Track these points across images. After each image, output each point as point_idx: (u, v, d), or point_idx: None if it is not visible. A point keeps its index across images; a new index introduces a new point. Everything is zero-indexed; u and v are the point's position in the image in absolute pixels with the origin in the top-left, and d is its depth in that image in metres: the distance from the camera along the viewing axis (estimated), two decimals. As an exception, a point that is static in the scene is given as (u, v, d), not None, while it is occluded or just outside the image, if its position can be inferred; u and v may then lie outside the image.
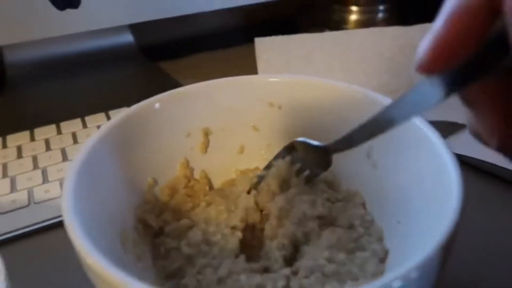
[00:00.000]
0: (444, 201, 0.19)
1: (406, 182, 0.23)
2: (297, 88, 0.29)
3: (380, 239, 0.24)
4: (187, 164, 0.29)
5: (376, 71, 0.51)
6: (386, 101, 0.26)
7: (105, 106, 0.44)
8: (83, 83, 0.51)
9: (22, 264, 0.28)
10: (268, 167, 0.28)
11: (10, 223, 0.31)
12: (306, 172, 0.27)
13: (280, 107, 0.30)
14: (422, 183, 0.22)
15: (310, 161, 0.27)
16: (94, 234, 0.18)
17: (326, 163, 0.26)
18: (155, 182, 0.27)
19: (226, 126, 0.30)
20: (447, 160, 0.20)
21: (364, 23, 0.65)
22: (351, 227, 0.25)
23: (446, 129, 0.22)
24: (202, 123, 0.29)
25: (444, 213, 0.18)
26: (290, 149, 0.27)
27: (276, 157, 0.28)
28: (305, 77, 0.29)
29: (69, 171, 0.20)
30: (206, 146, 0.29)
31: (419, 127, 0.23)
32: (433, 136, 0.22)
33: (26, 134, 0.40)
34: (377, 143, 0.26)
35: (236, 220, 0.25)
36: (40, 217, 0.31)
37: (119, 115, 0.25)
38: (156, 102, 0.27)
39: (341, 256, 0.22)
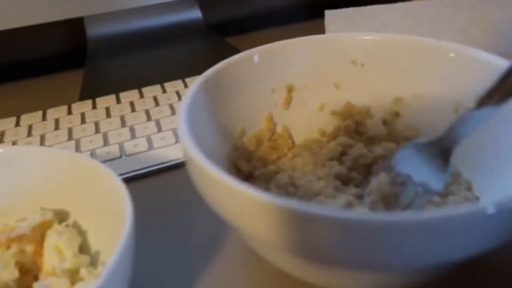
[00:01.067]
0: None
1: (500, 131, 0.23)
2: (381, 46, 0.30)
3: (469, 189, 0.24)
4: (271, 118, 0.30)
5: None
6: (484, 57, 0.26)
7: (181, 74, 0.47)
8: (157, 55, 0.54)
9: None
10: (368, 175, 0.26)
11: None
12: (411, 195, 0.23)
13: (363, 65, 0.30)
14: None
15: (422, 175, 0.23)
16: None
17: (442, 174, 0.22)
18: (244, 131, 0.28)
19: (309, 83, 0.31)
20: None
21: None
22: (438, 177, 0.25)
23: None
24: (287, 79, 0.30)
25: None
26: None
27: (381, 166, 0.25)
28: (389, 35, 0.30)
29: (180, 113, 0.22)
30: (289, 102, 0.31)
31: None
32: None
33: (112, 97, 0.43)
34: (466, 100, 0.27)
35: (321, 174, 0.26)
36: (131, 168, 0.34)
37: (216, 65, 0.27)
38: (248, 55, 0.28)
39: (435, 199, 0.22)
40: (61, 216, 0.25)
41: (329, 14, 0.50)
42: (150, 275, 0.25)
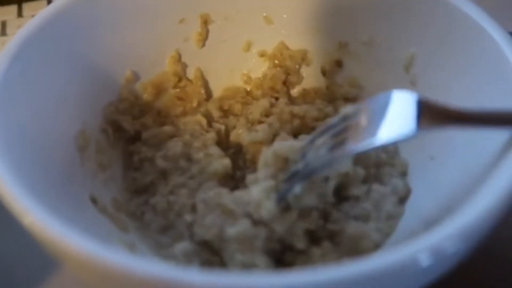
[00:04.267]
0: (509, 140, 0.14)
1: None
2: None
3: (404, 174, 0.19)
4: (178, 58, 0.23)
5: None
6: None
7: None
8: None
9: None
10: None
11: None
12: None
13: (304, -8, 0.23)
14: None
15: None
16: (27, 145, 0.14)
17: None
18: (136, 76, 0.22)
19: (231, 14, 0.24)
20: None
21: None
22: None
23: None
24: (201, 7, 0.23)
25: (505, 157, 0.13)
26: None
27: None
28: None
29: (2, 55, 0.16)
30: (204, 38, 0.24)
31: (484, 28, 0.17)
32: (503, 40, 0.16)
33: None
34: (421, 53, 0.20)
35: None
36: None
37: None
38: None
39: (357, 191, 0.18)
40: None
41: None
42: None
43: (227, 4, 0.23)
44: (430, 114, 0.14)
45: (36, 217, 0.12)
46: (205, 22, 0.23)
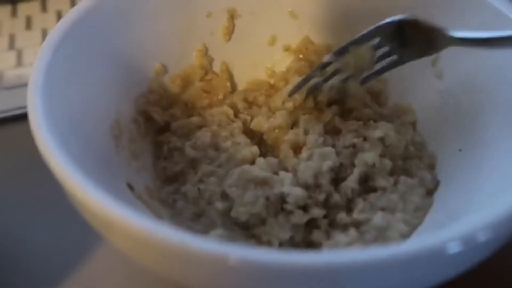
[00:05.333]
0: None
1: (482, 100, 0.18)
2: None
3: (431, 167, 0.19)
4: (205, 52, 0.24)
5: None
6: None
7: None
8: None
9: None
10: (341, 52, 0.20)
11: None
12: (392, 58, 0.20)
13: (328, -10, 0.23)
14: (507, 103, 0.16)
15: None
16: (72, 129, 0.15)
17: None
18: (165, 69, 0.23)
19: (256, 9, 0.24)
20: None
21: None
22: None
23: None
24: (228, 2, 0.24)
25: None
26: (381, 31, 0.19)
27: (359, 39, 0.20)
28: None
29: (44, 45, 0.16)
30: (230, 31, 0.24)
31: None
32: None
33: (6, 9, 0.34)
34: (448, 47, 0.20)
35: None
36: (8, 105, 0.27)
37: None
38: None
39: (383, 182, 0.18)
40: None
41: None
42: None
43: (253, -1, 0.24)
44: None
45: (88, 192, 0.13)
46: (232, 16, 0.24)
